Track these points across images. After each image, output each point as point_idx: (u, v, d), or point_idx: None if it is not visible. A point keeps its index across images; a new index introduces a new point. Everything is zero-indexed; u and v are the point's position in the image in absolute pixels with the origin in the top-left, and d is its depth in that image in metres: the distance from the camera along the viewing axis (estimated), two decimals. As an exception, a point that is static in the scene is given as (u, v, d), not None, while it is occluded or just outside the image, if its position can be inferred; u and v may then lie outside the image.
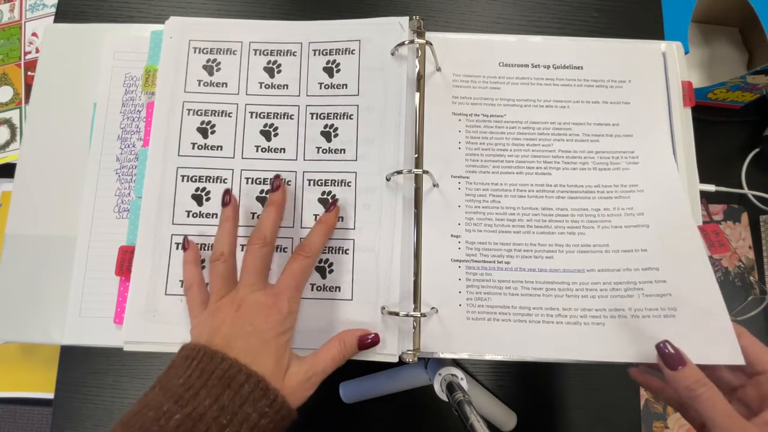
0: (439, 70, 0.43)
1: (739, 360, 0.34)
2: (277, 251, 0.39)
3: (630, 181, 0.40)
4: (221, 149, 0.41)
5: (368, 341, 0.36)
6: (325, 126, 0.42)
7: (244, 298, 0.34)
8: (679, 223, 0.39)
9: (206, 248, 0.39)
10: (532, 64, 0.43)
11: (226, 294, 0.35)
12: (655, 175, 0.41)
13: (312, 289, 0.38)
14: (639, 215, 0.39)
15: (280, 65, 0.43)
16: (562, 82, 0.43)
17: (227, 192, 0.38)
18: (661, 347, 0.33)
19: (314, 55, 0.43)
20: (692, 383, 0.32)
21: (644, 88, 0.43)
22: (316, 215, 0.40)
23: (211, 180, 0.41)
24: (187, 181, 0.40)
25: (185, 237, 0.39)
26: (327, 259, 0.39)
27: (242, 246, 0.39)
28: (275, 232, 0.37)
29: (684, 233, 0.39)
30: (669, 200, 0.40)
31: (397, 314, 0.37)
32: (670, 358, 0.33)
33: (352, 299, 0.38)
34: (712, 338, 0.35)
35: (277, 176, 0.39)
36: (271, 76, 0.43)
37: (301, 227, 0.40)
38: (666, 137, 0.42)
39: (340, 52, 0.43)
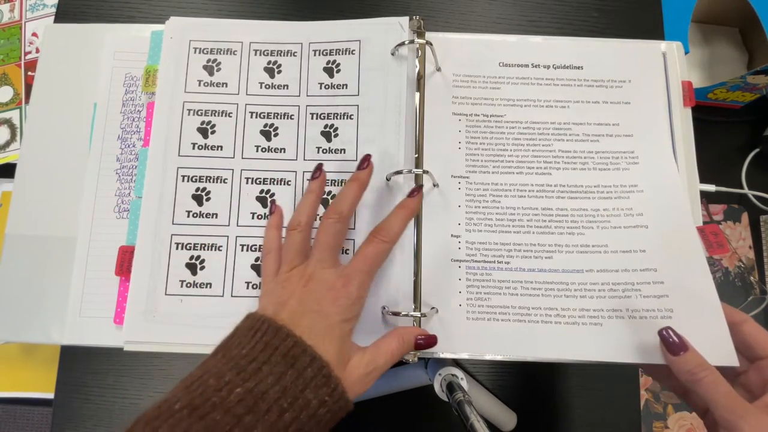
0: (439, 70, 0.43)
1: (733, 362, 0.35)
2: (277, 251, 0.39)
3: (630, 181, 0.40)
4: (221, 149, 0.41)
5: (425, 342, 0.35)
6: (326, 126, 0.42)
7: (313, 273, 0.34)
8: (677, 224, 0.39)
9: (205, 248, 0.39)
10: (532, 64, 0.43)
11: (298, 265, 0.35)
12: (655, 176, 0.41)
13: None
14: (638, 216, 0.39)
15: (280, 65, 0.43)
16: (562, 82, 0.43)
17: (319, 167, 0.38)
18: (663, 334, 0.33)
19: (314, 55, 0.43)
20: (694, 367, 0.32)
21: (644, 88, 0.43)
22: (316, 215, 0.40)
23: (211, 180, 0.41)
24: (188, 181, 0.40)
25: (273, 201, 0.39)
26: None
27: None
28: (353, 209, 0.36)
29: (682, 234, 0.39)
30: (668, 201, 0.40)
31: (397, 314, 0.37)
32: (672, 344, 0.33)
33: (352, 299, 0.38)
34: (707, 340, 0.35)
35: (368, 156, 0.38)
36: (272, 76, 0.43)
37: (301, 227, 0.40)
38: (666, 137, 0.42)
39: (340, 53, 0.43)
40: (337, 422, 0.30)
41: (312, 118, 0.42)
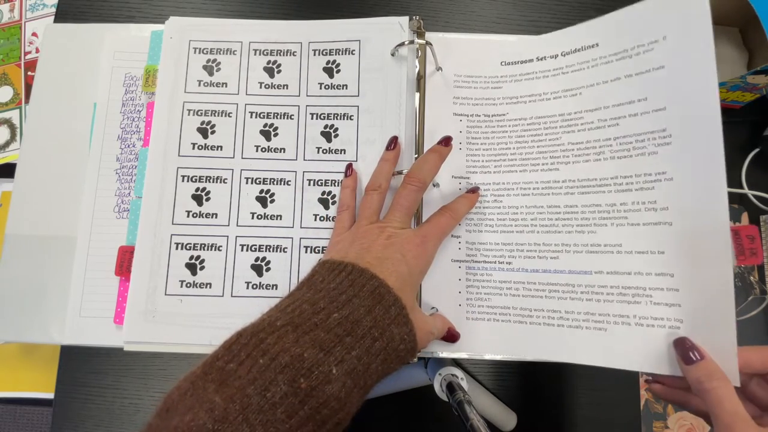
0: (439, 70, 0.43)
1: (735, 382, 0.31)
2: (276, 251, 0.39)
3: (656, 168, 0.35)
4: (221, 149, 0.41)
5: (449, 335, 0.36)
6: (325, 126, 0.42)
7: (393, 232, 0.35)
8: (708, 222, 0.32)
9: (204, 248, 0.39)
10: (537, 58, 0.42)
11: (375, 222, 0.36)
12: (692, 157, 0.33)
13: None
14: (662, 210, 0.34)
15: (280, 65, 0.43)
16: (571, 69, 0.40)
17: (395, 139, 0.40)
18: (679, 341, 0.32)
19: (314, 55, 0.43)
20: (702, 375, 0.30)
21: (685, 42, 0.35)
22: (316, 215, 0.40)
23: (211, 180, 0.41)
24: (187, 181, 0.40)
25: (349, 164, 0.40)
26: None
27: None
28: (432, 178, 0.38)
29: (712, 235, 0.32)
30: (703, 191, 0.33)
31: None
32: (689, 350, 0.31)
33: (352, 299, 0.38)
34: (713, 357, 0.31)
35: (449, 138, 0.38)
36: (271, 76, 0.43)
37: (301, 227, 0.40)
38: (714, 103, 0.33)
39: (340, 53, 0.43)
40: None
41: (312, 118, 0.42)
